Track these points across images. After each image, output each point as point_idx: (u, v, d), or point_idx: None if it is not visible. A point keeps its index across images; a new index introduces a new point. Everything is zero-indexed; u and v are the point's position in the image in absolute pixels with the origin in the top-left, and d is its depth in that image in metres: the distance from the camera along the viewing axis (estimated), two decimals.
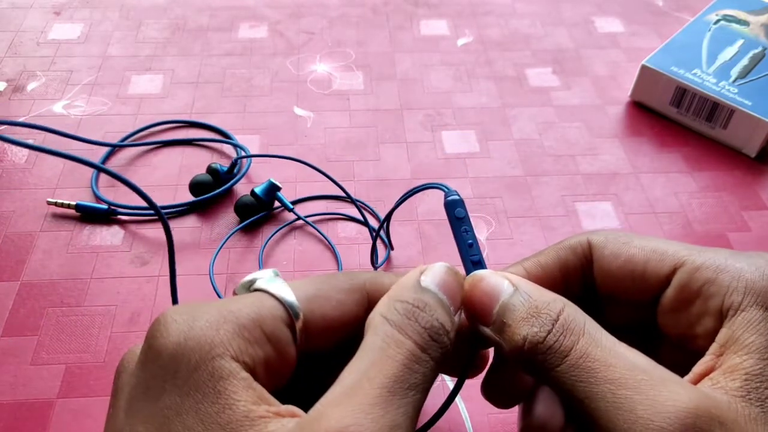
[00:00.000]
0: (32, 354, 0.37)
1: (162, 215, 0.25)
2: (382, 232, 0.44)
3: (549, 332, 0.21)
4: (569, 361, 0.20)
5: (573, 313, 0.22)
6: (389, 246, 0.43)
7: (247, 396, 0.19)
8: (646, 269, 0.24)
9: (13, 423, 0.34)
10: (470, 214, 0.27)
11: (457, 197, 0.26)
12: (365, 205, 0.46)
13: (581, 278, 0.26)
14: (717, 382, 0.20)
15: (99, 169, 0.24)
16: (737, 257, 0.22)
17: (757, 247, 0.44)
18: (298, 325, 0.22)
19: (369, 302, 0.24)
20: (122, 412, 0.20)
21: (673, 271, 0.23)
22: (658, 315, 0.24)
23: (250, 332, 0.21)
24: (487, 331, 0.23)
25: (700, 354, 0.22)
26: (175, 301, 0.32)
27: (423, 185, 0.28)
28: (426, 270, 0.23)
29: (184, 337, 0.20)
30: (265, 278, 0.23)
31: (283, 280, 0.23)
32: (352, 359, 0.21)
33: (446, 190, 0.27)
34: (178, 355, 0.19)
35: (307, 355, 0.23)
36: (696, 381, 0.21)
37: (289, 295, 0.22)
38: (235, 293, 0.23)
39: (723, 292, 0.21)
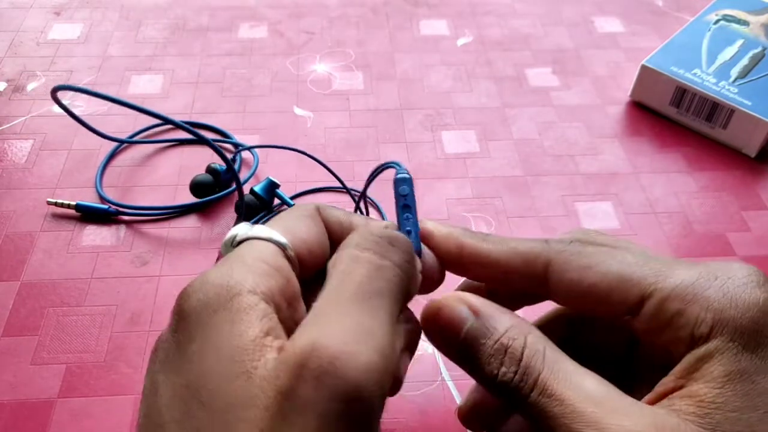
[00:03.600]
0: (32, 354, 0.37)
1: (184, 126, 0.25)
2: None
3: (515, 373, 0.22)
4: (532, 398, 0.21)
5: (534, 345, 0.22)
6: None
7: (260, 325, 0.20)
8: (611, 300, 0.23)
9: (13, 423, 0.34)
10: (470, 214, 0.27)
11: (407, 175, 0.27)
12: (368, 197, 0.46)
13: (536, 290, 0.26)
14: (673, 404, 0.20)
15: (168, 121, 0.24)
16: (708, 279, 0.22)
17: (757, 248, 0.44)
18: (290, 254, 0.23)
19: (327, 225, 0.26)
20: (157, 374, 0.21)
21: (641, 301, 0.22)
22: (632, 329, 0.24)
23: (258, 267, 0.22)
24: (451, 358, 0.24)
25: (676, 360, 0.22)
26: None
27: (383, 165, 0.28)
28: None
29: (203, 293, 0.21)
30: (244, 229, 0.24)
31: (258, 225, 0.25)
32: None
33: (398, 167, 0.27)
34: (201, 307, 0.21)
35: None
36: (656, 400, 0.21)
37: (273, 234, 0.23)
38: (220, 254, 0.25)
39: (692, 324, 0.21)
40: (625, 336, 0.26)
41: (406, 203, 0.26)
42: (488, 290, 0.28)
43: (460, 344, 0.23)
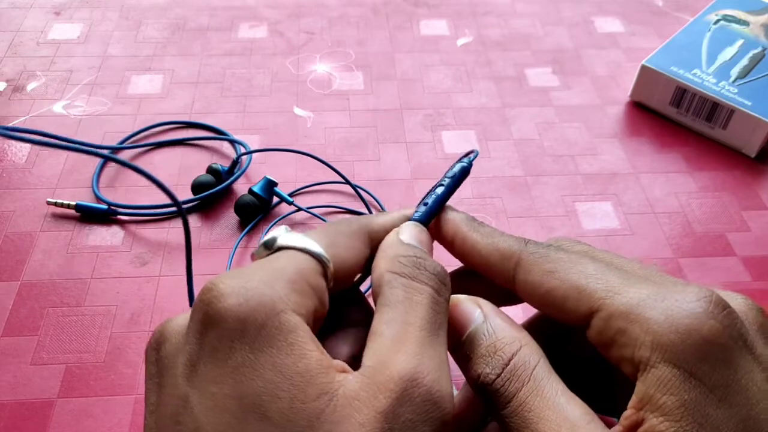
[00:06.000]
0: (32, 354, 0.37)
1: (182, 209, 0.25)
2: None
3: (498, 376, 0.22)
4: (510, 408, 0.21)
5: (526, 356, 0.22)
6: None
7: (315, 346, 0.20)
8: (565, 308, 0.23)
9: (13, 423, 0.34)
10: (470, 214, 0.27)
11: (466, 165, 0.29)
12: (367, 192, 0.46)
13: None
14: None
15: (113, 160, 0.23)
16: (655, 300, 0.21)
17: (757, 248, 0.44)
18: (330, 273, 0.24)
19: (370, 241, 0.26)
20: (181, 379, 0.20)
21: (590, 314, 0.22)
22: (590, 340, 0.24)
23: (300, 286, 0.22)
24: (454, 357, 0.24)
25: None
26: (191, 299, 0.33)
27: (468, 153, 0.30)
28: (400, 229, 0.26)
29: (244, 298, 0.20)
30: (283, 235, 0.24)
31: (299, 233, 0.24)
32: (378, 314, 0.22)
33: (469, 159, 0.29)
34: (242, 315, 0.20)
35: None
36: None
37: (316, 248, 0.24)
38: (254, 255, 0.24)
39: (632, 345, 0.21)
40: None
41: (441, 183, 0.28)
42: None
43: (463, 342, 0.24)
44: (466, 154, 0.30)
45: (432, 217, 0.27)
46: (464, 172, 0.29)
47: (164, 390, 0.21)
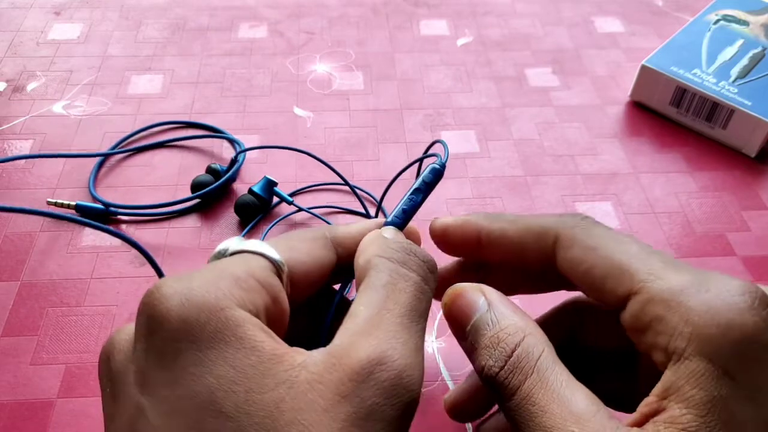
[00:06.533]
0: (32, 354, 0.37)
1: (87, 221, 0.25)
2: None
3: (501, 368, 0.22)
4: (515, 400, 0.21)
5: (529, 347, 0.22)
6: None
7: (267, 336, 0.20)
8: (604, 286, 0.23)
9: (13, 423, 0.34)
10: (470, 215, 0.27)
11: (438, 167, 0.28)
12: (366, 192, 0.46)
13: (541, 263, 0.26)
14: (658, 430, 0.20)
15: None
16: (698, 290, 0.21)
17: (757, 248, 0.44)
18: (284, 273, 0.23)
19: (335, 248, 0.26)
20: (133, 388, 0.20)
21: (628, 296, 0.22)
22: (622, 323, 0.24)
23: (246, 282, 0.21)
24: (463, 347, 0.24)
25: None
26: None
27: (423, 156, 0.29)
28: (382, 230, 0.26)
29: (186, 298, 0.20)
30: (237, 243, 0.24)
31: (254, 240, 0.24)
32: (359, 296, 0.22)
33: (439, 158, 0.29)
34: (185, 315, 0.19)
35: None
36: (641, 422, 0.20)
37: (268, 250, 0.23)
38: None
39: (669, 333, 0.20)
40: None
41: (418, 187, 0.28)
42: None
43: (468, 332, 0.23)
44: (431, 146, 0.30)
45: (407, 223, 0.27)
46: (437, 176, 0.28)
47: (119, 402, 0.20)
